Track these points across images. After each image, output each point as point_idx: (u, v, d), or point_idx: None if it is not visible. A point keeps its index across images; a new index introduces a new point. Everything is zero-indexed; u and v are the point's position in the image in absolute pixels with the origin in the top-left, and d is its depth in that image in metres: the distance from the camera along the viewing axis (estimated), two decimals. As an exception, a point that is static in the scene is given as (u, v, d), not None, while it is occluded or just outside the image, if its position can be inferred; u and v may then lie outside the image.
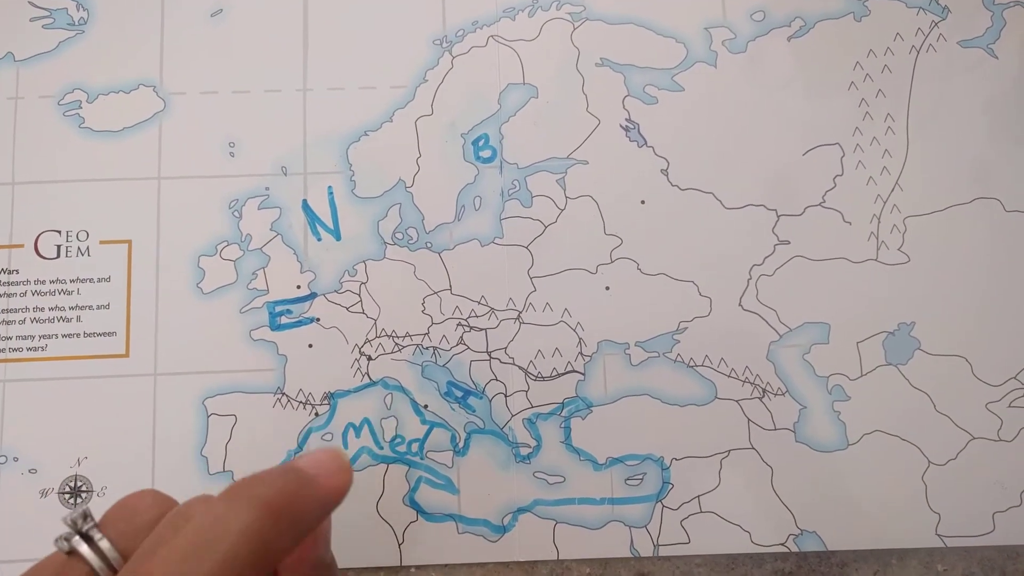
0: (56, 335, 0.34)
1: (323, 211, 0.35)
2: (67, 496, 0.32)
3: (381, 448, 0.33)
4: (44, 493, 0.33)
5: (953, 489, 0.33)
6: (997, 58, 0.35)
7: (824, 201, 0.35)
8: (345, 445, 0.33)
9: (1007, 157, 0.35)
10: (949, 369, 0.34)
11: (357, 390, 0.34)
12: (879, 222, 0.34)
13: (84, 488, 0.33)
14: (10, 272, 0.34)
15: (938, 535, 0.33)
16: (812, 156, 0.35)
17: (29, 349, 0.33)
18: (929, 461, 0.33)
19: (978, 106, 0.35)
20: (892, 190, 0.35)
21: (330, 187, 0.35)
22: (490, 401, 0.34)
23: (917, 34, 0.36)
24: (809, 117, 0.35)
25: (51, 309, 0.34)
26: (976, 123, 0.35)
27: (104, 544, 0.21)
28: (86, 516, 0.21)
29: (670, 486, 0.33)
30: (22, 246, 0.34)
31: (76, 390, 0.33)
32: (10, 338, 0.33)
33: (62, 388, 0.33)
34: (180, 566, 0.18)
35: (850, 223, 0.34)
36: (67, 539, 0.21)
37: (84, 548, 0.20)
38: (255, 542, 0.19)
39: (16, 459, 0.33)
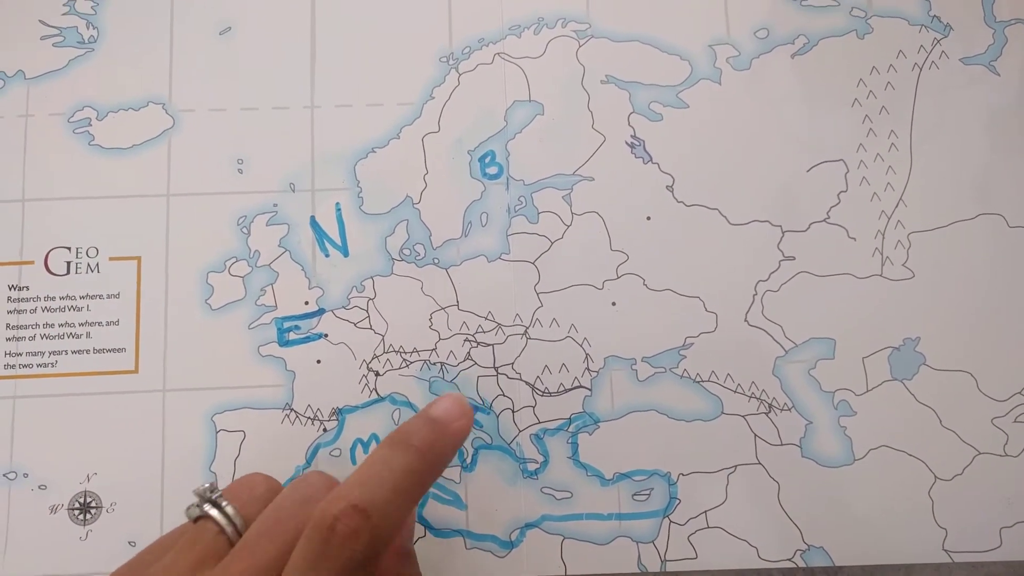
0: (66, 351, 0.34)
1: (331, 227, 0.35)
2: (76, 512, 0.33)
3: (389, 464, 0.33)
4: (53, 509, 0.33)
5: (960, 504, 0.33)
6: (999, 75, 0.36)
7: (829, 217, 0.35)
8: (353, 461, 0.33)
9: (1010, 173, 0.35)
10: (954, 384, 0.34)
11: (365, 406, 0.34)
12: (883, 238, 0.35)
13: (93, 504, 0.33)
14: (20, 288, 0.34)
15: (945, 550, 0.33)
16: (816, 172, 0.35)
17: (39, 365, 0.34)
18: (935, 476, 0.33)
19: (981, 123, 0.35)
20: (896, 206, 0.35)
21: (338, 203, 0.35)
22: (497, 416, 0.34)
23: (920, 51, 0.36)
24: (813, 133, 0.35)
25: (61, 325, 0.34)
26: (979, 139, 0.35)
27: (230, 509, 0.25)
28: (213, 488, 0.26)
29: (677, 501, 0.33)
30: (32, 263, 0.34)
31: (85, 406, 0.33)
32: (20, 354, 0.34)
33: (72, 404, 0.33)
34: (359, 489, 0.24)
35: (855, 239, 0.35)
36: (198, 506, 0.25)
37: (215, 512, 0.25)
38: (409, 476, 0.25)
39: (26, 475, 0.33)
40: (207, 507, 0.25)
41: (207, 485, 0.26)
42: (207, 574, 0.24)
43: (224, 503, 0.25)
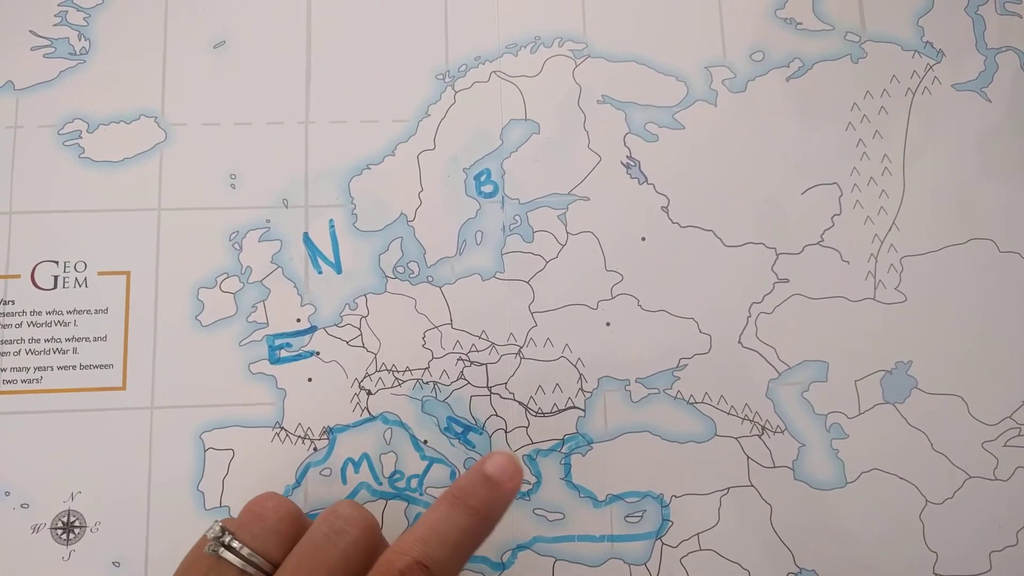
0: (52, 367, 0.33)
1: (324, 244, 0.35)
2: (59, 531, 0.32)
3: (380, 484, 0.33)
4: (36, 528, 0.32)
5: (950, 528, 0.33)
6: (990, 101, 0.36)
7: (822, 240, 0.35)
8: (344, 480, 0.33)
9: (1000, 199, 0.35)
10: (946, 408, 0.34)
11: (356, 425, 0.33)
12: (876, 261, 0.35)
13: (77, 523, 0.32)
14: (6, 303, 0.33)
15: (936, 574, 0.33)
16: (810, 195, 0.35)
17: (24, 381, 0.33)
18: (926, 500, 0.33)
19: (972, 148, 0.36)
20: (889, 230, 0.35)
21: (331, 220, 0.35)
22: (490, 437, 0.33)
23: (912, 76, 0.36)
24: (807, 156, 0.36)
25: (47, 340, 0.33)
26: (970, 165, 0.36)
27: (245, 551, 0.27)
28: (224, 530, 0.27)
29: (670, 523, 0.33)
30: (18, 276, 0.34)
31: (71, 423, 0.33)
32: (4, 370, 0.33)
33: (57, 421, 0.33)
34: (421, 546, 0.26)
35: (848, 262, 0.35)
36: (214, 550, 0.27)
37: (230, 555, 0.26)
38: (468, 535, 0.27)
39: (8, 493, 0.32)
40: (222, 551, 0.27)
41: (218, 526, 0.27)
42: None
43: (238, 545, 0.27)
